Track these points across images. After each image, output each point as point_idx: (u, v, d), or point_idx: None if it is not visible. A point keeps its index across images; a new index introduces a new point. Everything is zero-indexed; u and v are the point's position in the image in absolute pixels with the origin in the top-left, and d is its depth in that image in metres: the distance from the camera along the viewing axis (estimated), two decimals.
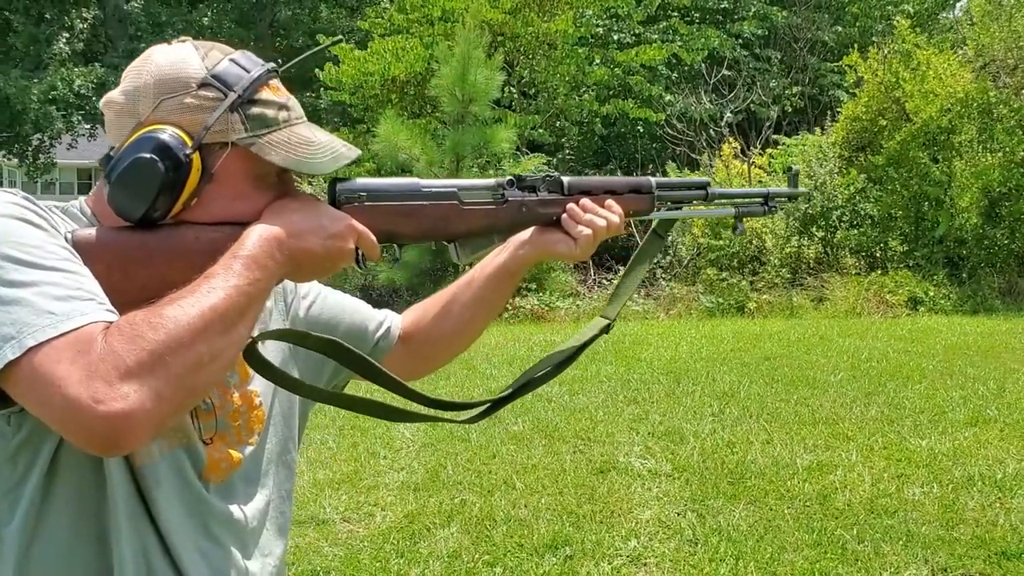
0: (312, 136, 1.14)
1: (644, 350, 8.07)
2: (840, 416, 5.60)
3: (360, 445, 5.23)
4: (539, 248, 1.40)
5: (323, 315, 1.42)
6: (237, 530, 1.22)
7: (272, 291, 1.33)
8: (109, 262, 1.06)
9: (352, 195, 1.22)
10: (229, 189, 1.12)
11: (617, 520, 4.11)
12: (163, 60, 1.12)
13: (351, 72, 12.72)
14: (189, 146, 1.07)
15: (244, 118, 1.10)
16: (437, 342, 1.51)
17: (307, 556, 3.83)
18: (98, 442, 0.92)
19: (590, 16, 15.04)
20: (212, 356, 0.97)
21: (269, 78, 1.14)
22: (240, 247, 1.05)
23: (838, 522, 4.00)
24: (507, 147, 11.58)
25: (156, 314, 0.95)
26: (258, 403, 1.26)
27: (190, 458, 1.16)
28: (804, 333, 8.63)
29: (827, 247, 11.07)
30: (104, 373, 0.90)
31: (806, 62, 17.37)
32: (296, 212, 1.13)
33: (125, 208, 1.08)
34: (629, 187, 1.45)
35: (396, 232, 1.26)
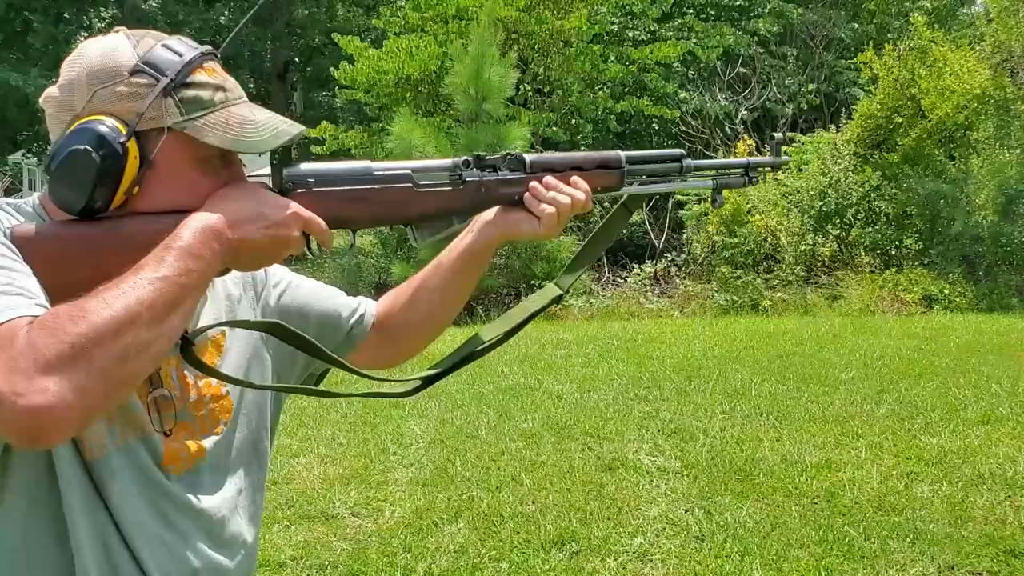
0: (251, 115, 1.14)
1: (656, 348, 8.07)
2: (850, 414, 5.59)
3: (370, 441, 5.26)
4: (502, 229, 1.37)
5: (294, 303, 1.41)
6: (202, 520, 1.22)
7: (239, 282, 1.34)
8: (49, 256, 1.06)
9: (299, 181, 1.20)
10: (171, 175, 1.11)
11: (624, 517, 4.13)
12: (94, 51, 1.12)
13: (365, 70, 12.74)
14: (124, 134, 1.07)
15: (178, 102, 1.09)
16: (409, 328, 1.49)
17: (315, 550, 3.86)
18: (20, 435, 0.92)
19: (605, 13, 15.02)
20: (139, 348, 0.97)
21: (204, 61, 1.13)
22: (175, 238, 1.04)
23: (845, 519, 3.99)
24: (521, 144, 11.57)
25: (78, 307, 0.95)
26: (224, 392, 1.26)
27: (147, 449, 1.16)
28: (818, 331, 8.60)
29: (842, 245, 11.03)
30: (24, 367, 0.90)
31: (822, 59, 17.29)
32: (236, 200, 1.12)
33: (65, 201, 1.08)
34: (596, 163, 1.40)
35: (348, 217, 1.24)
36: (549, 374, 7.05)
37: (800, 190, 11.36)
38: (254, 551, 1.32)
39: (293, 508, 4.30)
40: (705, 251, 11.82)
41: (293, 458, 5.02)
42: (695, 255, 12.02)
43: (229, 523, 1.26)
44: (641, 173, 1.45)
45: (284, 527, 4.10)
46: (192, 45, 1.14)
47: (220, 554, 1.24)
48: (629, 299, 11.36)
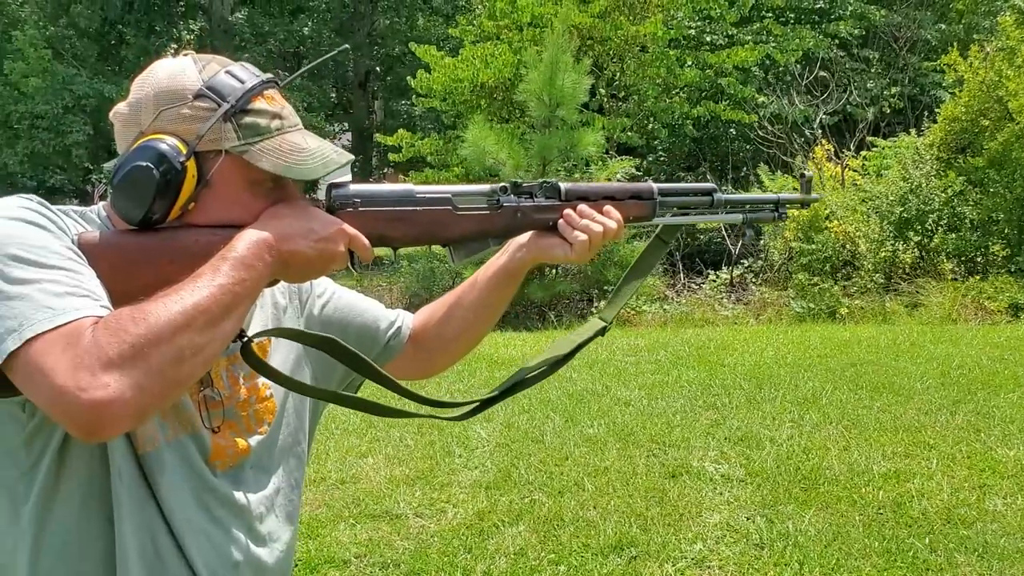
0: (304, 143, 1.21)
1: (728, 355, 8.00)
2: (923, 424, 5.47)
3: (436, 443, 5.35)
4: (535, 252, 1.45)
5: (336, 314, 1.49)
6: (243, 515, 1.29)
7: (286, 292, 1.43)
8: (112, 262, 1.14)
9: (346, 200, 1.28)
10: (225, 194, 1.19)
11: (684, 523, 4.13)
12: (163, 73, 1.20)
13: (441, 79, 12.92)
14: (184, 153, 1.15)
15: (237, 127, 1.17)
16: (443, 343, 1.57)
17: (378, 549, 3.96)
18: (81, 427, 1.00)
19: (681, 18, 14.93)
20: (193, 350, 1.04)
21: (264, 89, 1.21)
22: (230, 249, 1.12)
23: (911, 530, 3.92)
24: (594, 150, 11.59)
25: (140, 310, 1.03)
26: (268, 395, 1.34)
27: (196, 445, 1.24)
28: (895, 339, 8.41)
29: (923, 251, 10.74)
30: (89, 364, 0.98)
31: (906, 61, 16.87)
32: (287, 217, 1.20)
33: (126, 212, 1.17)
34: (629, 193, 1.48)
35: (389, 236, 1.32)
36: (618, 380, 7.06)
37: (879, 195, 11.11)
38: (291, 548, 1.39)
39: (359, 507, 4.41)
40: (782, 257, 11.64)
41: (361, 458, 5.14)
42: (772, 261, 11.85)
43: (268, 519, 1.33)
44: (673, 205, 1.52)
45: (350, 525, 4.21)
46: (255, 73, 1.22)
47: (260, 549, 1.31)
48: (704, 306, 11.27)
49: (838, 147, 12.87)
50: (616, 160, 12.52)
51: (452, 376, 7.11)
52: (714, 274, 12.05)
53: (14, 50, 21.82)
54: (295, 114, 1.25)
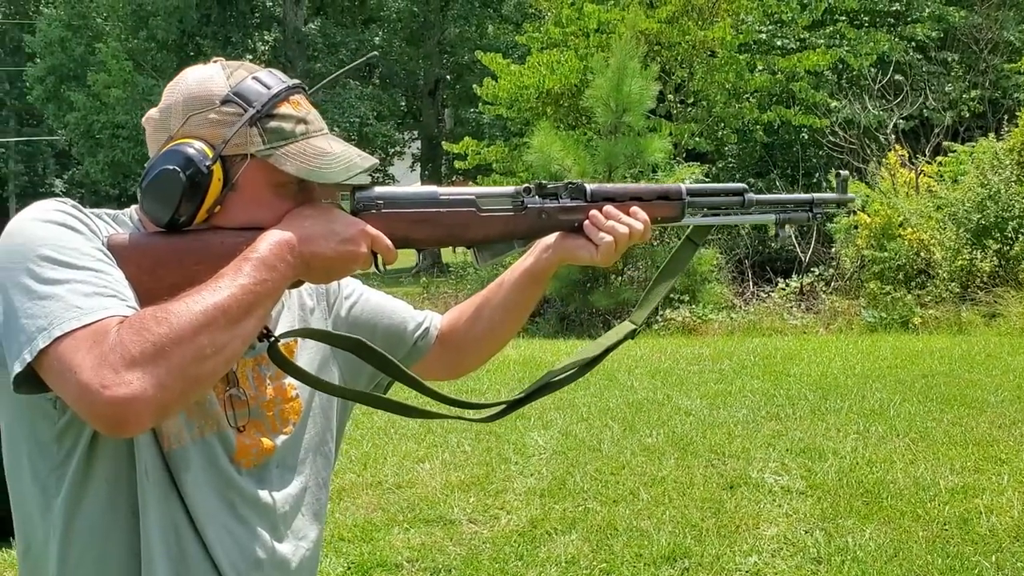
0: (328, 148, 1.22)
1: (795, 365, 7.85)
2: (995, 438, 5.28)
3: (493, 450, 5.35)
4: (561, 254, 1.44)
5: (364, 315, 1.50)
6: (267, 513, 1.30)
7: (313, 293, 1.43)
8: (139, 263, 1.17)
9: (370, 203, 1.30)
10: (250, 197, 1.22)
11: (740, 535, 4.05)
12: (192, 79, 1.23)
13: (507, 86, 12.96)
14: (210, 157, 1.17)
15: (262, 131, 1.19)
16: (470, 343, 1.56)
17: (431, 553, 3.97)
18: (104, 423, 1.03)
19: (752, 22, 14.73)
20: (215, 349, 1.06)
21: (290, 94, 1.23)
22: (252, 250, 1.14)
23: (977, 547, 3.79)
24: (661, 156, 11.51)
25: (163, 309, 1.05)
26: (294, 395, 1.35)
27: (221, 444, 1.26)
28: (970, 350, 8.15)
29: (1002, 260, 10.38)
30: (112, 362, 1.01)
31: (987, 64, 16.37)
32: (309, 218, 1.22)
33: (154, 214, 1.20)
34: (656, 194, 1.45)
35: (413, 237, 1.32)
36: (679, 389, 6.98)
37: (955, 202, 10.78)
38: (318, 547, 1.40)
39: (413, 512, 4.44)
40: (854, 266, 11.37)
41: (418, 463, 5.17)
42: (843, 270, 11.59)
43: (293, 518, 1.34)
44: (702, 206, 1.49)
45: (403, 530, 4.23)
46: (281, 79, 1.24)
47: (284, 548, 1.32)
48: (772, 314, 11.07)
49: (913, 152, 12.53)
50: (684, 166, 12.40)
51: (513, 383, 7.11)
52: (784, 282, 11.83)
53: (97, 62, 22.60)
54: (321, 119, 1.27)
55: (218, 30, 23.15)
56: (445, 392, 1.41)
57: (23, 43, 29.36)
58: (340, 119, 24.27)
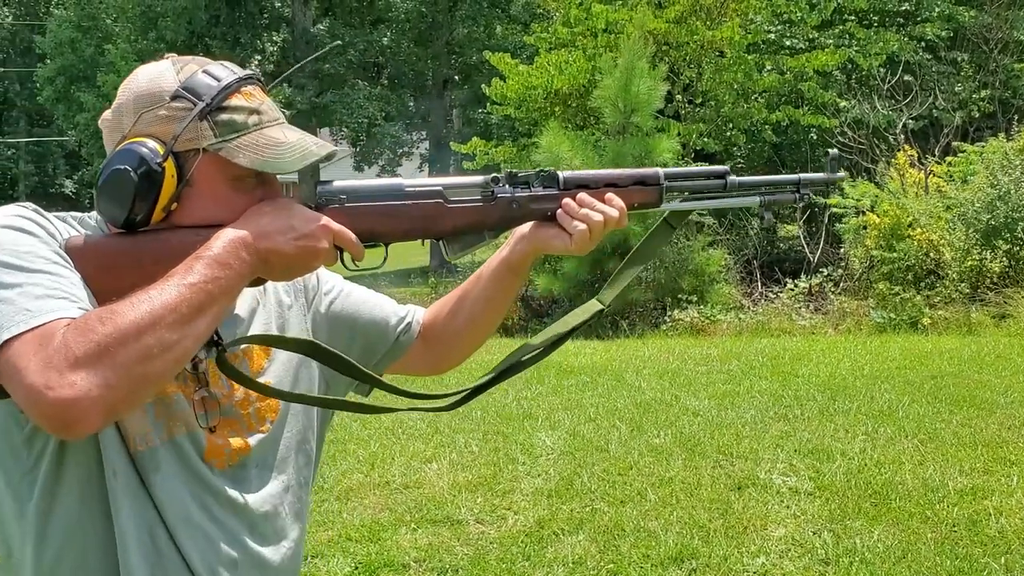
0: (281, 137, 1.21)
1: (803, 366, 7.82)
2: (1005, 439, 5.26)
3: (501, 450, 5.35)
4: (535, 243, 1.42)
5: (344, 311, 1.48)
6: (246, 514, 1.29)
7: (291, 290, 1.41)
8: (97, 265, 1.16)
9: (331, 196, 1.28)
10: (207, 193, 1.21)
11: (748, 536, 4.04)
12: (143, 77, 1.23)
13: (515, 86, 12.95)
14: (161, 155, 1.17)
15: (213, 125, 1.19)
16: (451, 337, 1.55)
17: (438, 554, 3.98)
18: (52, 424, 1.03)
19: (760, 22, 14.68)
20: (162, 348, 1.05)
21: (241, 86, 1.22)
22: (205, 248, 1.14)
23: (986, 549, 3.77)
24: (669, 156, 11.48)
25: (108, 310, 1.05)
26: None
27: (192, 445, 1.25)
28: (979, 351, 8.11)
29: (1012, 260, 10.32)
30: (57, 363, 1.00)
31: (998, 63, 16.28)
32: (267, 215, 1.20)
33: (109, 215, 1.20)
34: (633, 179, 1.42)
35: (378, 231, 1.31)
36: (687, 390, 6.96)
37: (965, 202, 10.74)
38: (299, 546, 1.39)
39: (421, 512, 4.44)
40: (863, 266, 11.33)
41: (426, 464, 5.17)
42: (852, 270, 11.55)
43: (274, 518, 1.33)
44: (682, 190, 1.46)
45: (411, 530, 4.24)
46: (233, 71, 1.23)
47: (264, 548, 1.31)
48: (781, 315, 11.03)
49: (922, 153, 12.48)
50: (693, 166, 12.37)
51: (520, 383, 7.11)
52: (792, 283, 11.79)
53: (107, 63, 22.68)
54: (276, 109, 1.26)
55: (227, 31, 23.20)
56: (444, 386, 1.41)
57: (33, 44, 29.50)
58: (348, 119, 24.33)
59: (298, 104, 22.43)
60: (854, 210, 11.56)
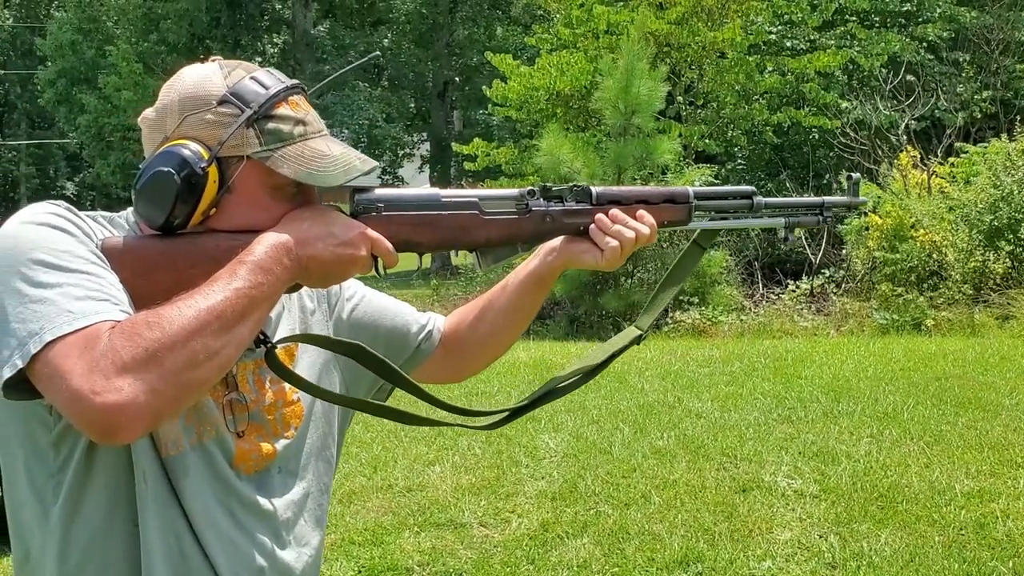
0: (326, 150, 1.20)
1: (806, 367, 7.80)
2: (1011, 441, 5.23)
3: (504, 453, 5.32)
4: (565, 257, 1.41)
5: (366, 317, 1.47)
6: (269, 520, 1.28)
7: (314, 295, 1.41)
8: (133, 267, 1.14)
9: (369, 205, 1.27)
10: (247, 200, 1.19)
11: (754, 540, 4.02)
12: (189, 79, 1.20)
13: (517, 88, 12.94)
14: (205, 159, 1.15)
15: (259, 133, 1.17)
16: (473, 347, 1.54)
17: (441, 557, 3.95)
18: (96, 430, 1.00)
19: (761, 23, 14.67)
20: (208, 354, 1.04)
21: (288, 95, 1.21)
22: (248, 253, 1.12)
23: (993, 553, 3.74)
24: (670, 158, 11.47)
25: (155, 314, 1.03)
26: (295, 399, 1.32)
27: (220, 450, 1.23)
28: (983, 353, 8.08)
29: (1015, 262, 10.30)
30: (104, 367, 0.98)
31: (999, 64, 16.27)
32: (307, 220, 1.19)
33: (148, 216, 1.17)
34: (663, 197, 1.43)
35: (414, 240, 1.30)
36: (690, 391, 6.94)
37: (968, 203, 10.71)
38: (319, 553, 1.37)
39: (424, 515, 4.41)
40: (865, 267, 11.31)
41: (429, 466, 5.14)
42: (854, 272, 11.52)
43: (296, 525, 1.32)
44: (709, 209, 1.47)
45: (414, 533, 4.21)
46: (280, 79, 1.22)
47: (286, 554, 1.30)
48: (782, 316, 11.02)
49: (925, 153, 12.46)
50: (694, 168, 12.36)
51: (523, 385, 7.09)
52: (794, 284, 11.77)
53: (108, 65, 22.67)
54: (320, 120, 1.25)
55: (228, 33, 23.22)
56: (454, 392, 1.39)
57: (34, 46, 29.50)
58: (349, 121, 24.31)
59: None
60: (856, 213, 11.53)
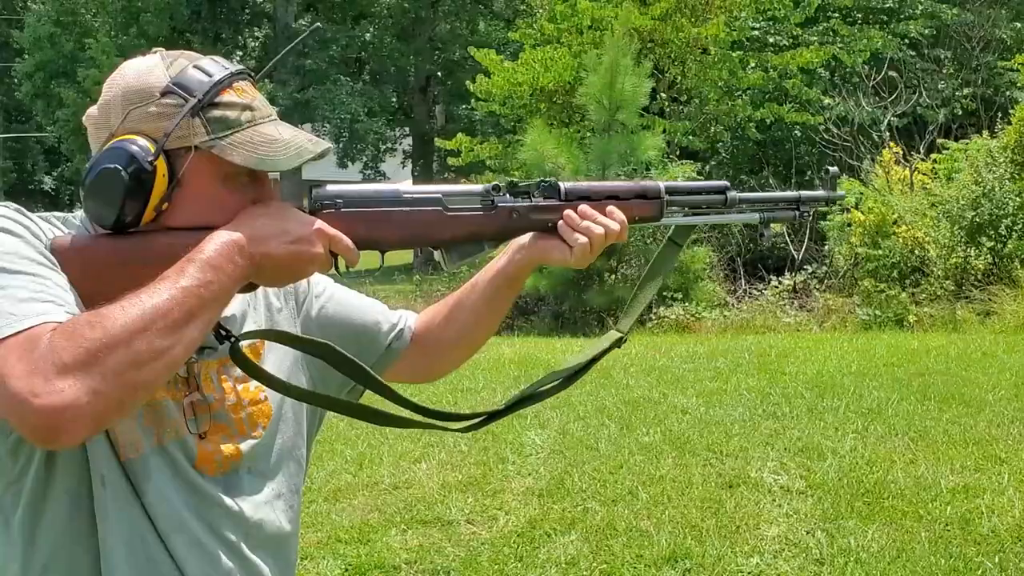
0: (276, 134, 1.17)
1: (790, 363, 7.81)
2: (995, 437, 5.26)
3: (490, 449, 5.30)
4: (534, 254, 1.39)
5: (335, 315, 1.44)
6: (240, 522, 1.25)
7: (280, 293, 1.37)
8: (84, 267, 1.12)
9: (328, 201, 1.24)
10: (199, 193, 1.16)
11: (741, 536, 4.02)
12: (131, 72, 1.17)
13: (501, 83, 12.91)
14: (152, 153, 1.11)
15: (205, 121, 1.14)
16: (445, 346, 1.51)
17: (429, 555, 3.93)
18: (36, 433, 0.97)
19: (744, 19, 14.72)
20: (153, 354, 1.00)
21: (233, 81, 1.17)
22: (198, 251, 1.09)
23: (979, 548, 3.76)
24: (654, 154, 11.48)
25: (97, 314, 1.00)
26: (262, 398, 1.29)
27: (182, 451, 1.20)
28: (966, 348, 8.13)
29: (997, 258, 10.38)
30: (44, 369, 0.95)
31: (980, 61, 16.39)
32: (261, 217, 1.16)
33: (97, 216, 1.14)
34: (634, 192, 1.40)
35: (375, 238, 1.26)
36: (675, 387, 6.94)
37: (950, 200, 10.78)
38: (293, 554, 1.36)
39: (411, 513, 4.39)
40: (847, 263, 11.37)
41: (415, 464, 5.11)
42: (837, 268, 11.58)
43: (267, 526, 1.29)
44: (682, 204, 1.44)
45: (401, 531, 4.18)
46: (224, 65, 1.18)
47: (257, 556, 1.27)
48: (765, 312, 11.06)
49: (907, 150, 12.53)
50: (678, 164, 12.38)
51: (508, 381, 7.07)
52: (777, 280, 11.82)
53: (87, 58, 22.46)
54: (268, 105, 1.21)
55: (208, 27, 23.06)
56: (439, 388, 1.37)
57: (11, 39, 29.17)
58: (331, 115, 24.22)
59: (280, 100, 22.29)
60: (838, 207, 11.58)
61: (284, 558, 1.32)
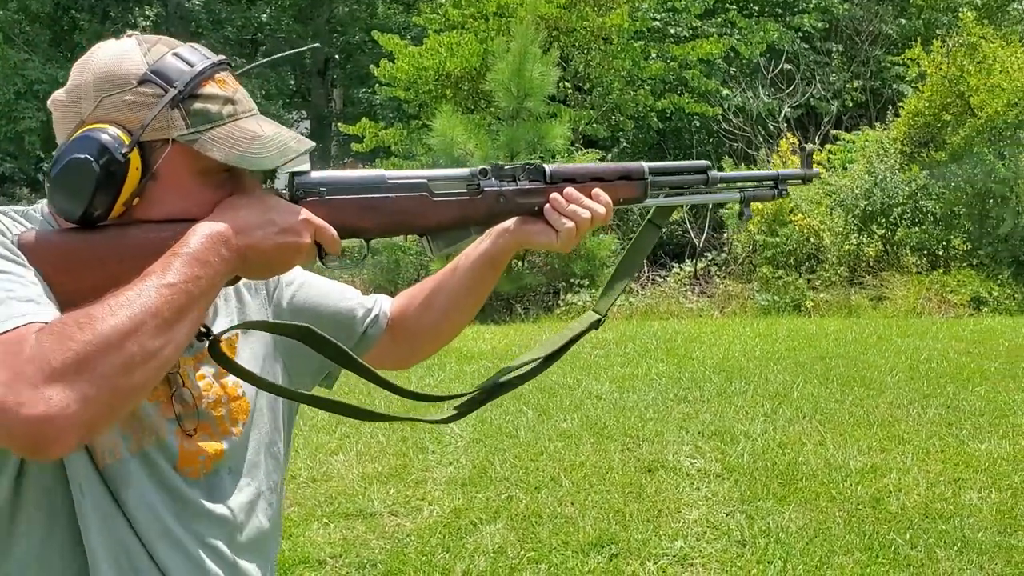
0: (258, 130, 1.12)
1: (696, 348, 7.99)
2: (896, 418, 5.49)
3: (409, 439, 5.25)
4: (519, 237, 1.37)
5: (308, 303, 1.40)
6: (223, 524, 1.21)
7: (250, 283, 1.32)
8: (54, 263, 1.05)
9: (311, 189, 1.19)
10: (173, 187, 1.10)
11: (664, 520, 4.09)
12: (105, 56, 1.10)
13: (405, 68, 12.77)
14: (127, 144, 1.05)
15: (185, 114, 1.08)
16: (423, 329, 1.48)
17: (354, 548, 3.87)
18: (23, 445, 0.91)
19: (646, 10, 14.91)
20: (145, 356, 0.95)
21: (215, 72, 1.12)
22: (182, 245, 1.03)
23: (891, 526, 3.92)
24: (561, 143, 11.53)
25: (85, 314, 0.94)
26: (240, 393, 1.25)
27: (163, 454, 1.15)
28: (862, 333, 8.46)
29: (887, 245, 10.83)
30: (30, 375, 0.89)
31: (868, 55, 17.02)
32: (245, 208, 1.11)
33: (64, 209, 1.07)
34: (618, 174, 1.39)
35: (361, 226, 1.23)
36: (588, 373, 7.01)
37: (844, 189, 11.18)
38: (275, 552, 1.32)
39: (332, 506, 4.32)
40: (746, 250, 11.68)
41: (332, 456, 5.03)
42: (736, 254, 11.89)
43: (250, 526, 1.25)
44: (665, 185, 1.44)
45: (323, 525, 4.11)
46: (205, 55, 1.13)
47: (241, 557, 1.23)
48: (668, 298, 11.27)
49: (803, 140, 12.93)
50: (583, 153, 12.47)
51: (421, 370, 7.01)
52: (678, 267, 12.06)
53: None
54: (250, 99, 1.17)
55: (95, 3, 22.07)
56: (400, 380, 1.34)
57: None
58: None
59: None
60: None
61: (267, 557, 1.29)
